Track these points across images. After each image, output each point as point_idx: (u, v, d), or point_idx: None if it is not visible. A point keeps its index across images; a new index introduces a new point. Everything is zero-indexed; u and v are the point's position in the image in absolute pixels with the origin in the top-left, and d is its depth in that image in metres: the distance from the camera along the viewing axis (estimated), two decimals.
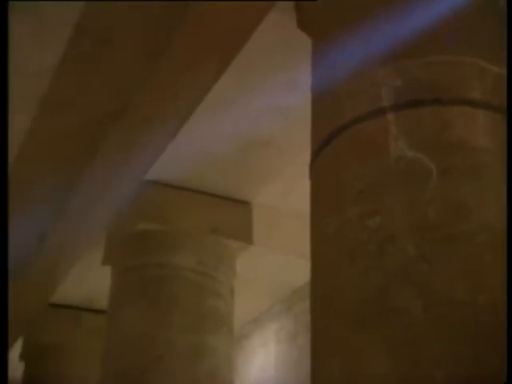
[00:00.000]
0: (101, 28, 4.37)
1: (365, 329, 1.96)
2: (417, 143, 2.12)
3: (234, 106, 3.75)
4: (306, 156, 2.63)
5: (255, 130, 3.96)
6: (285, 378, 6.41)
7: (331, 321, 2.12)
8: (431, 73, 2.24)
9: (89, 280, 5.50)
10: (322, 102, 2.48)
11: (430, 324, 1.89)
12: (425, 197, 2.03)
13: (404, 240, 1.98)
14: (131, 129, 4.89)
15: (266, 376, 6.73)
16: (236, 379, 4.62)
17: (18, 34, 4.40)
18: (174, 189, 4.46)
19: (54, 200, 5.94)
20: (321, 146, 2.36)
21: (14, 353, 6.71)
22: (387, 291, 1.95)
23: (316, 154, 2.40)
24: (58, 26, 4.33)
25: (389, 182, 2.11)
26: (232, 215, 4.60)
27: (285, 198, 5.05)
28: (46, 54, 4.57)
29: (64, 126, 5.10)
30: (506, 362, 1.75)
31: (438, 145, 2.12)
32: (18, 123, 5.08)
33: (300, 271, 5.84)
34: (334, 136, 2.30)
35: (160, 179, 4.42)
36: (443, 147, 2.11)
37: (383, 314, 1.93)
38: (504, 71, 2.26)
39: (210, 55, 3.76)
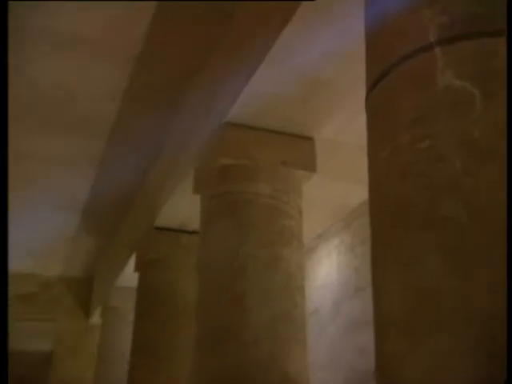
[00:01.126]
0: None
1: (417, 235, 1.91)
2: (462, 73, 1.99)
3: (298, 52, 3.63)
4: (361, 95, 2.53)
5: (316, 73, 3.84)
6: (346, 282, 6.47)
7: (387, 231, 2.08)
8: (473, 8, 2.07)
9: (183, 207, 5.64)
10: (375, 41, 2.35)
11: (474, 230, 1.83)
12: (470, 119, 1.92)
13: (452, 157, 1.88)
14: (211, 80, 4.86)
15: (331, 281, 6.81)
16: (307, 284, 4.66)
17: (109, 13, 4.41)
18: (249, 128, 4.44)
19: (153, 140, 6.06)
20: (375, 82, 2.25)
21: (130, 266, 7.05)
22: (436, 202, 1.89)
23: (371, 89, 2.29)
24: None
25: (437, 109, 2.00)
26: (298, 149, 4.56)
27: (343, 132, 4.94)
28: (138, 24, 4.56)
29: (156, 79, 5.13)
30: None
31: (482, 73, 1.98)
32: (119, 79, 5.15)
33: (356, 194, 5.79)
34: (386, 72, 2.19)
35: (237, 121, 4.40)
36: (486, 75, 1.97)
37: (433, 221, 1.88)
38: None
39: (274, 11, 3.64)
